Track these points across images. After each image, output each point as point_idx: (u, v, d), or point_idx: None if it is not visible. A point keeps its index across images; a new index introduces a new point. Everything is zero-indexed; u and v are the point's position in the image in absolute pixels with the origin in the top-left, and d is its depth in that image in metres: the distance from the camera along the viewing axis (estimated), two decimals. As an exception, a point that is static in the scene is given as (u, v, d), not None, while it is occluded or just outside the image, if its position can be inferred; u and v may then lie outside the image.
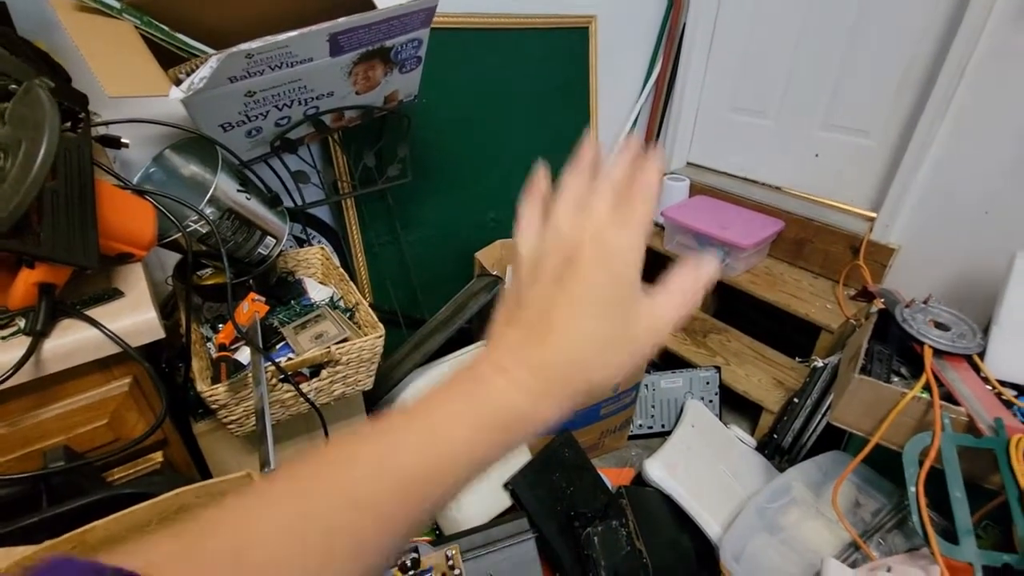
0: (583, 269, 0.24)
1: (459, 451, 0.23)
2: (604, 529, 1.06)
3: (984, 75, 1.25)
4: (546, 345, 0.24)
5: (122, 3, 0.77)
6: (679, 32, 1.78)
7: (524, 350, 0.24)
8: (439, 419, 0.24)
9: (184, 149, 0.86)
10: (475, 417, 0.23)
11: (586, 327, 0.24)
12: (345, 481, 0.22)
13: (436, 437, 0.23)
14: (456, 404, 0.24)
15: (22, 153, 0.52)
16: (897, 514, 1.02)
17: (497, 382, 0.24)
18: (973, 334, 1.04)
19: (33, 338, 0.56)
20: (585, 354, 0.24)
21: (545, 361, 0.24)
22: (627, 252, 0.25)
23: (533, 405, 0.24)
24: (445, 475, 0.23)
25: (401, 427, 0.24)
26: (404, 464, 0.22)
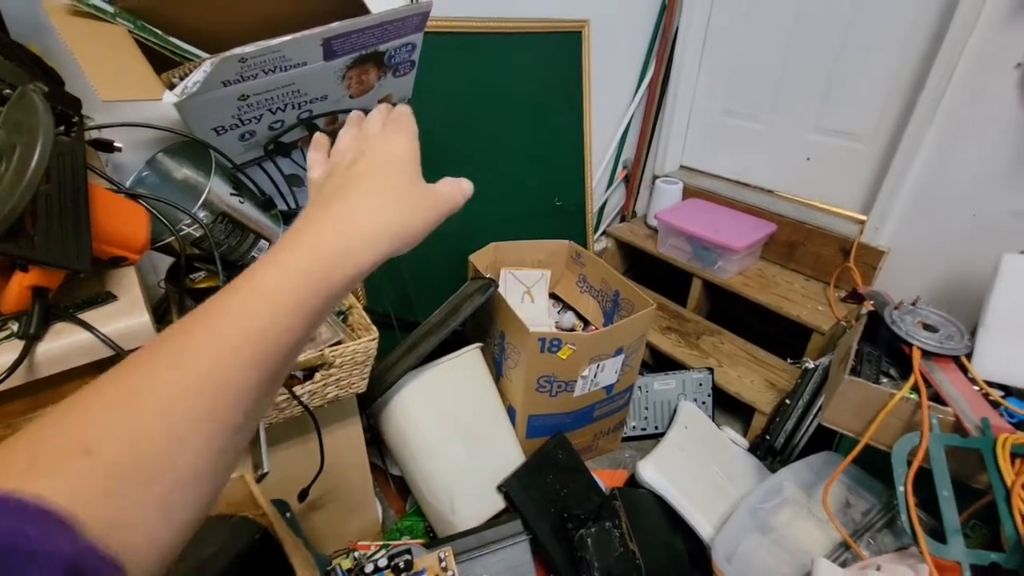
0: (366, 158, 0.33)
1: (284, 300, 0.25)
2: (597, 531, 1.06)
3: (971, 80, 1.27)
4: (339, 199, 0.31)
5: (115, 7, 0.78)
6: (672, 36, 1.80)
7: (323, 208, 0.30)
8: (258, 277, 0.26)
9: (177, 153, 0.86)
10: (292, 265, 0.26)
11: (372, 183, 0.32)
12: (186, 352, 0.23)
13: (257, 293, 0.25)
14: (269, 264, 0.26)
15: (16, 158, 0.52)
16: (887, 513, 1.03)
17: (304, 237, 0.28)
18: (961, 335, 1.05)
19: (27, 342, 0.56)
20: (377, 198, 0.31)
21: (343, 207, 0.30)
22: (397, 145, 0.34)
23: (343, 243, 0.28)
24: (277, 328, 0.24)
25: (226, 293, 0.25)
26: (232, 327, 0.24)
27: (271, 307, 0.25)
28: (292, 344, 0.25)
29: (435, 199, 0.34)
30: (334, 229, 0.29)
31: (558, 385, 1.20)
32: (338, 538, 1.12)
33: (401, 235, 0.31)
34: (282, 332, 0.25)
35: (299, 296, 0.25)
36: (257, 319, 0.24)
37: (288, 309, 0.25)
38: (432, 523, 1.18)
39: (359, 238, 0.29)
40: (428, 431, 1.14)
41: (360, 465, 1.10)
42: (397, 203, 0.31)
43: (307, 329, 0.26)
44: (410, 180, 0.33)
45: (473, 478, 1.15)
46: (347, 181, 0.32)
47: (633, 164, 2.01)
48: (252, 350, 0.23)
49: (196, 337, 0.23)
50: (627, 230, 1.95)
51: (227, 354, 0.23)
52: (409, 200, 0.32)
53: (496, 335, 1.28)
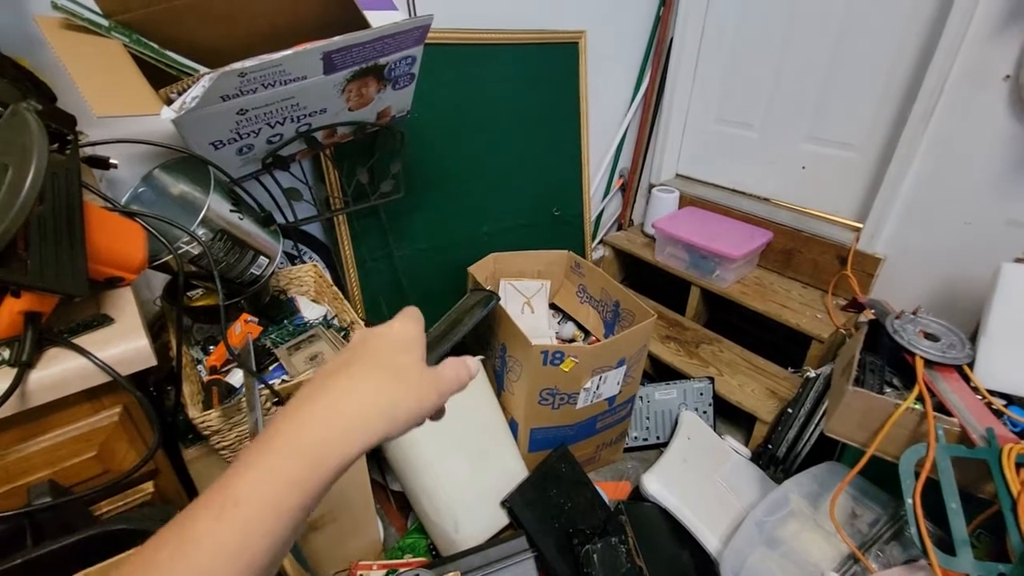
0: (367, 341, 0.32)
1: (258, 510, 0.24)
2: (603, 546, 1.05)
3: (962, 91, 1.28)
4: (334, 379, 0.29)
5: (110, 21, 0.76)
6: (666, 47, 1.81)
7: (315, 391, 0.29)
8: (231, 487, 0.24)
9: (174, 169, 0.85)
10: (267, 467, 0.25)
11: (371, 364, 0.30)
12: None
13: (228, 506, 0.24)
14: (244, 469, 0.25)
15: (8, 179, 0.50)
16: (894, 525, 1.03)
17: (282, 432, 0.26)
18: (962, 344, 1.06)
19: (19, 369, 0.53)
20: (370, 382, 0.30)
21: (337, 391, 0.29)
22: (402, 328, 0.33)
23: (326, 433, 0.27)
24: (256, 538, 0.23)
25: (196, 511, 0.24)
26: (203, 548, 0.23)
27: (245, 521, 0.23)
28: (278, 545, 0.24)
29: (437, 380, 0.32)
30: (318, 419, 0.27)
31: (560, 398, 1.19)
32: (339, 559, 1.09)
33: (397, 415, 0.29)
34: (262, 540, 0.23)
35: (278, 501, 0.24)
36: (227, 539, 0.23)
37: (264, 517, 0.24)
38: (435, 541, 1.16)
39: (344, 424, 0.27)
40: (429, 447, 1.12)
41: (361, 483, 1.07)
42: (394, 382, 0.30)
43: (292, 528, 0.25)
44: (411, 361, 0.32)
45: (476, 493, 1.13)
46: (340, 365, 0.30)
47: (630, 173, 2.01)
48: (232, 567, 0.22)
49: (168, 560, 0.22)
50: (624, 239, 1.95)
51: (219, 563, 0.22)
52: (408, 380, 0.30)
53: (497, 348, 1.26)
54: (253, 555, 0.23)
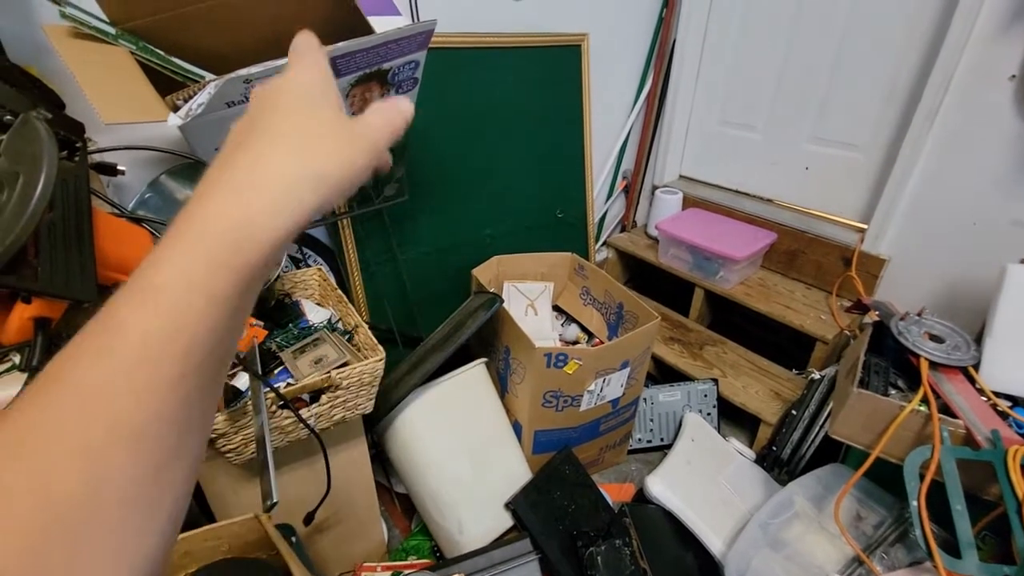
0: (268, 94, 0.26)
1: (180, 296, 0.21)
2: (607, 548, 1.05)
3: (967, 91, 1.28)
4: (242, 152, 0.24)
5: (117, 28, 0.77)
6: (669, 48, 1.81)
7: (222, 168, 0.24)
8: (147, 273, 0.21)
9: (180, 174, 0.85)
10: (183, 252, 0.21)
11: (280, 126, 0.25)
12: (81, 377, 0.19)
13: (149, 292, 0.21)
14: (160, 255, 0.21)
15: (19, 187, 0.51)
16: (899, 527, 1.03)
17: (196, 211, 0.22)
18: (967, 346, 1.05)
19: (29, 374, 0.54)
20: (294, 142, 0.25)
21: (246, 162, 0.24)
22: (304, 71, 0.27)
23: (247, 209, 0.22)
24: (183, 329, 0.20)
25: (115, 301, 0.21)
26: (131, 335, 0.20)
27: (171, 305, 0.20)
28: (217, 334, 0.21)
29: (367, 129, 0.27)
30: (232, 200, 0.23)
31: (564, 400, 1.19)
32: (344, 560, 1.10)
33: (328, 177, 0.25)
34: (197, 326, 0.21)
35: (206, 285, 0.21)
36: (157, 324, 0.20)
37: (193, 301, 0.21)
38: (439, 542, 1.16)
39: (269, 196, 0.23)
40: (434, 449, 1.12)
41: (366, 485, 1.08)
42: (311, 144, 0.25)
43: (231, 316, 0.22)
44: (325, 114, 0.26)
45: (480, 496, 1.13)
46: (242, 133, 0.25)
47: (633, 175, 2.01)
48: (162, 359, 0.20)
49: (87, 363, 0.19)
50: (628, 240, 1.95)
51: (133, 372, 0.19)
52: (328, 138, 0.25)
53: (501, 350, 1.27)
54: (189, 342, 0.20)
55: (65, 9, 0.74)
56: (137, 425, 0.19)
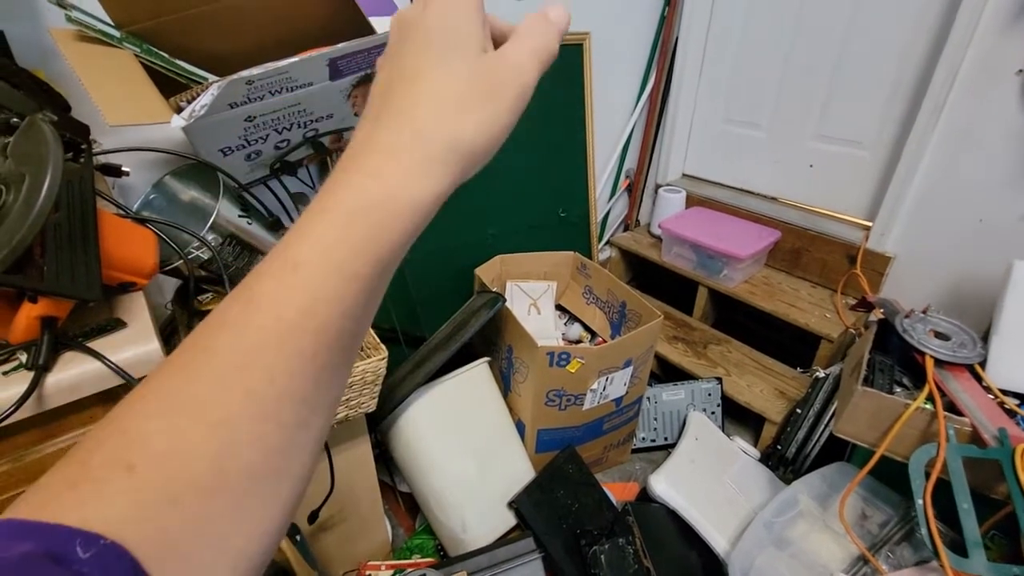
0: (412, 36, 0.24)
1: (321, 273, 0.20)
2: (611, 547, 1.05)
3: (973, 86, 1.27)
4: (383, 119, 0.23)
5: (122, 32, 0.78)
6: (671, 46, 1.81)
7: (366, 138, 0.23)
8: (290, 250, 0.21)
9: (184, 175, 0.86)
10: (326, 226, 0.21)
11: (419, 85, 0.23)
12: (219, 348, 0.20)
13: (288, 270, 0.20)
14: (303, 230, 0.21)
15: (25, 188, 0.52)
16: (905, 526, 1.02)
17: (349, 177, 0.22)
18: (973, 343, 1.05)
19: (36, 373, 0.55)
20: (430, 109, 0.22)
21: (386, 134, 0.22)
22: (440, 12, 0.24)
23: (392, 186, 0.21)
24: (320, 309, 0.20)
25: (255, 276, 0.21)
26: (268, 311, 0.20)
27: (306, 282, 0.20)
28: (347, 323, 0.21)
29: (512, 69, 0.24)
30: (372, 172, 0.22)
31: (567, 399, 1.19)
32: (348, 559, 1.10)
33: (472, 149, 0.23)
34: (330, 306, 0.20)
35: (343, 265, 0.21)
36: (293, 301, 0.20)
37: (329, 280, 0.20)
38: (443, 541, 1.16)
39: (405, 174, 0.22)
40: (437, 448, 1.13)
41: (369, 484, 1.08)
42: (460, 102, 0.22)
43: (362, 295, 0.21)
44: (473, 54, 0.23)
45: (483, 494, 1.13)
46: (386, 95, 0.23)
47: (636, 173, 2.01)
48: (296, 335, 0.20)
49: (226, 336, 0.20)
50: (631, 239, 1.94)
51: (268, 348, 0.20)
52: (477, 89, 0.23)
53: (504, 349, 1.27)
54: (323, 321, 0.20)
55: (71, 13, 0.75)
56: (269, 400, 0.20)
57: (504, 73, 0.23)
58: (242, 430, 0.19)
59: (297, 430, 0.21)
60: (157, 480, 0.17)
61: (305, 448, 0.21)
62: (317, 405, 0.21)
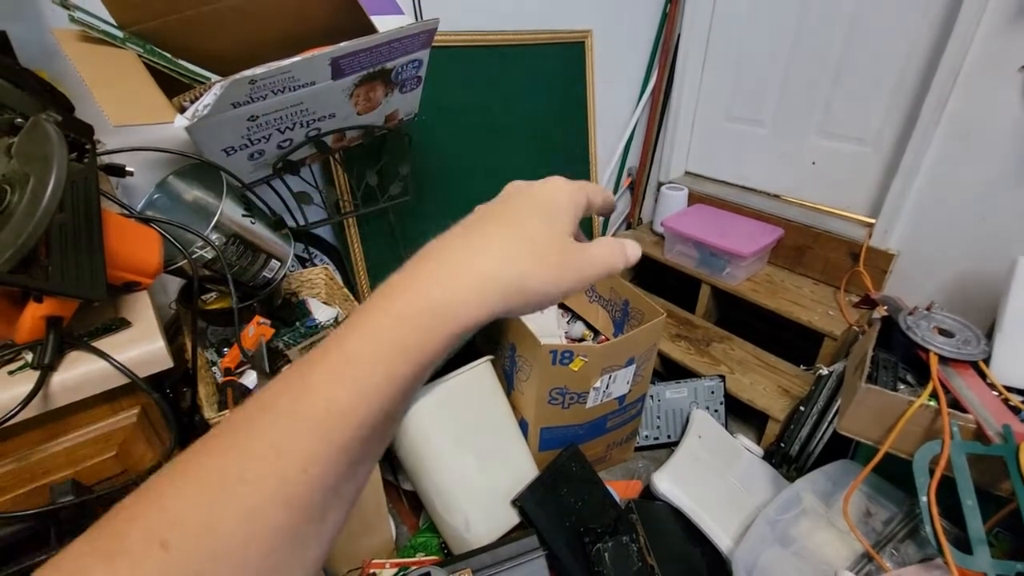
0: (513, 197, 0.28)
1: (370, 372, 0.22)
2: (614, 545, 1.05)
3: (976, 81, 1.26)
4: (467, 236, 0.25)
5: (125, 32, 0.78)
6: (673, 44, 1.80)
7: (444, 245, 0.25)
8: (346, 345, 0.22)
9: (187, 175, 0.86)
10: (381, 329, 0.22)
11: (508, 226, 0.26)
12: (262, 431, 0.20)
13: (341, 364, 0.22)
14: (358, 327, 0.23)
15: (30, 188, 0.52)
16: (909, 523, 1.02)
17: (402, 290, 0.23)
18: (977, 340, 1.04)
19: (41, 372, 0.55)
20: (518, 248, 0.25)
21: (466, 246, 0.25)
22: (556, 188, 0.28)
23: (447, 297, 0.23)
24: (363, 405, 0.21)
25: (310, 364, 0.22)
26: (317, 400, 0.21)
27: (355, 380, 0.21)
28: (382, 420, 0.22)
29: (582, 260, 0.27)
30: (436, 280, 0.24)
31: (570, 397, 1.19)
32: (352, 557, 1.10)
33: (525, 291, 0.25)
34: (369, 408, 0.22)
35: (389, 365, 0.22)
36: (340, 397, 0.21)
37: (376, 379, 0.22)
38: (447, 539, 1.16)
39: (466, 289, 0.23)
40: (441, 446, 1.13)
41: (373, 483, 1.09)
42: (530, 254, 0.25)
43: (399, 401, 0.23)
44: (556, 231, 0.27)
45: (487, 493, 1.14)
46: (478, 219, 0.26)
47: (638, 171, 2.01)
48: (338, 427, 0.21)
49: (271, 419, 0.21)
50: (633, 237, 1.94)
51: (310, 436, 0.21)
52: (547, 253, 0.26)
53: (506, 347, 1.27)
54: (364, 417, 0.21)
55: (74, 14, 0.75)
56: (299, 487, 0.20)
57: (580, 258, 0.27)
58: (270, 515, 0.20)
59: (321, 519, 0.22)
60: (190, 559, 0.18)
61: (324, 536, 0.22)
62: (342, 497, 0.22)
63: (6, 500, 0.59)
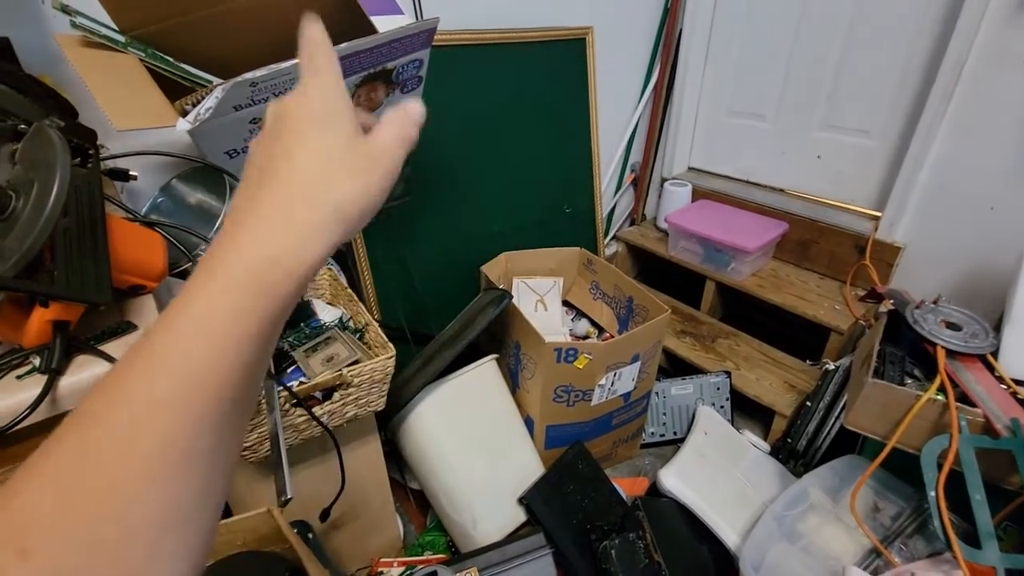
0: (286, 119, 0.26)
1: (219, 331, 0.21)
2: (621, 542, 1.05)
3: (983, 71, 1.25)
4: (267, 186, 0.24)
5: (127, 36, 0.78)
6: (675, 39, 1.79)
7: (249, 203, 0.24)
8: (186, 309, 0.22)
9: (191, 178, 0.87)
10: (221, 287, 0.22)
11: (301, 158, 0.25)
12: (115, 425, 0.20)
13: (186, 331, 0.21)
14: (197, 290, 0.22)
15: (34, 193, 0.52)
16: (917, 518, 1.01)
17: (231, 246, 0.23)
18: (985, 333, 1.03)
19: (49, 376, 0.56)
20: (316, 176, 0.25)
21: (271, 199, 0.24)
22: (318, 90, 0.26)
23: (280, 246, 0.23)
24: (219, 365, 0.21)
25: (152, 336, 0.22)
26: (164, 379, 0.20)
27: (205, 344, 0.21)
28: (244, 374, 0.22)
29: (378, 152, 0.27)
30: (260, 230, 0.23)
31: (575, 395, 1.19)
32: (360, 556, 1.11)
33: (352, 213, 0.25)
34: (228, 366, 0.21)
35: (238, 322, 0.21)
36: (191, 362, 0.21)
37: (227, 341, 0.21)
38: (454, 538, 1.17)
39: (294, 234, 0.23)
40: (447, 445, 1.13)
41: (380, 482, 1.09)
42: (336, 170, 0.25)
43: (259, 351, 0.22)
44: (345, 134, 0.26)
45: (493, 491, 1.14)
46: (271, 156, 0.25)
47: (641, 167, 2.00)
48: (196, 399, 0.20)
49: (125, 399, 0.20)
50: (637, 234, 1.94)
51: (167, 412, 0.20)
52: (350, 161, 0.25)
53: (511, 346, 1.27)
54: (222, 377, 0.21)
55: (76, 19, 0.75)
56: (167, 461, 0.20)
57: (376, 151, 0.27)
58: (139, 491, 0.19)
59: (207, 483, 0.21)
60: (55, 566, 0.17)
61: (213, 505, 0.22)
62: (219, 465, 0.22)
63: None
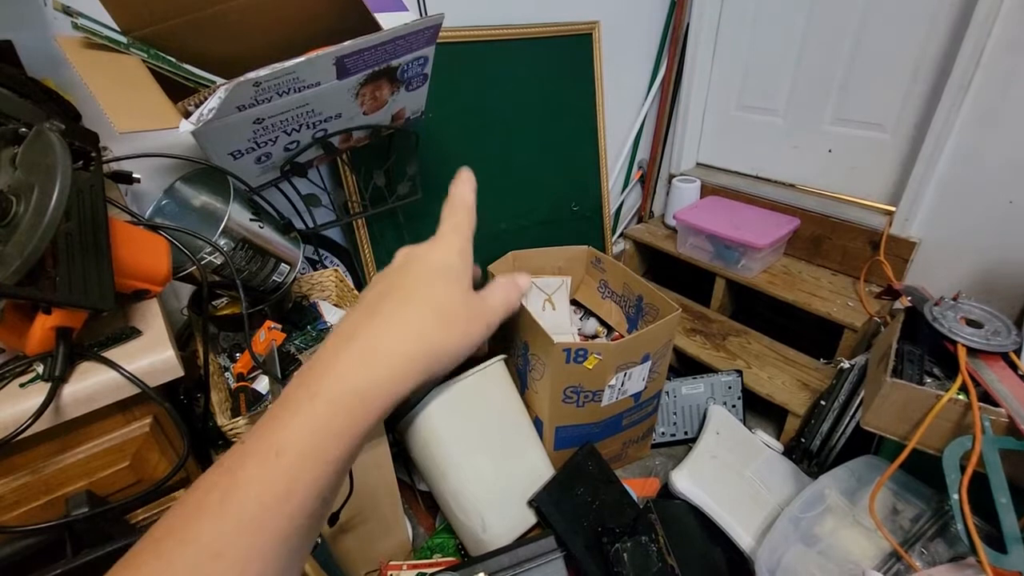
0: (408, 267, 0.29)
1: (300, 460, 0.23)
2: (633, 545, 1.03)
3: (1000, 64, 1.22)
4: (380, 316, 0.26)
5: (128, 38, 0.77)
6: (683, 33, 1.77)
7: (355, 329, 0.26)
8: (272, 436, 0.23)
9: (194, 180, 0.86)
10: (308, 416, 0.23)
11: (420, 300, 0.27)
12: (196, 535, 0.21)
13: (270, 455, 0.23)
14: (283, 418, 0.23)
15: (35, 198, 0.51)
16: (938, 520, 0.99)
17: (324, 377, 0.24)
18: (1008, 331, 1.01)
19: (52, 384, 0.55)
20: (426, 319, 0.26)
21: (382, 331, 0.26)
22: (446, 249, 0.29)
23: (369, 379, 0.24)
24: (298, 489, 0.22)
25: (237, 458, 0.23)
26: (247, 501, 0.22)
27: (288, 469, 0.22)
28: (326, 490, 0.24)
29: (484, 311, 0.29)
30: (358, 365, 0.25)
31: (585, 395, 1.17)
32: (369, 559, 1.10)
33: (440, 358, 0.27)
34: (308, 487, 0.23)
35: (320, 451, 0.23)
36: (273, 486, 0.22)
37: (307, 466, 0.23)
38: (463, 541, 1.16)
39: (389, 370, 0.25)
40: (455, 447, 1.12)
41: (388, 485, 1.08)
42: (439, 320, 0.27)
43: (334, 477, 0.24)
44: (457, 293, 0.28)
45: (503, 493, 1.12)
46: (378, 297, 0.27)
47: (649, 164, 1.97)
48: (273, 519, 0.22)
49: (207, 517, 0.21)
50: (645, 231, 1.91)
51: (245, 532, 0.21)
52: (454, 317, 0.27)
53: (520, 346, 1.25)
54: (301, 500, 0.23)
55: (78, 20, 0.74)
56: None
57: (484, 309, 0.29)
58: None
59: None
60: None
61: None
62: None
63: (22, 513, 0.58)
